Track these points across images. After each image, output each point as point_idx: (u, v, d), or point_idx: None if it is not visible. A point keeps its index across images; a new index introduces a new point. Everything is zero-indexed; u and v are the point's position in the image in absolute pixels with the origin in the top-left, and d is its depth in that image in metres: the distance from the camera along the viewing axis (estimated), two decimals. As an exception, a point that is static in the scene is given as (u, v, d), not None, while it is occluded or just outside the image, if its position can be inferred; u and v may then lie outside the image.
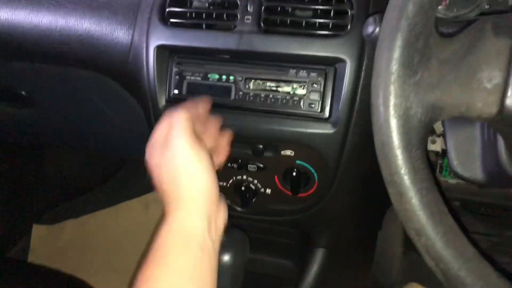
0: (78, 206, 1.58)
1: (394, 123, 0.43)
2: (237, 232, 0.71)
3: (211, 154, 0.59)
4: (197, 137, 0.57)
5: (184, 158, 0.56)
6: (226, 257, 0.69)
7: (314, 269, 0.83)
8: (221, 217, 0.58)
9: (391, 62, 0.43)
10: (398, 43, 0.42)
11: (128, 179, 1.63)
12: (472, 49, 0.44)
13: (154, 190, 0.61)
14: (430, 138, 0.88)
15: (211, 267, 0.54)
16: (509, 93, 0.44)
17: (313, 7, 0.66)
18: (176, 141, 0.56)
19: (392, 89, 0.43)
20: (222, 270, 0.69)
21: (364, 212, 0.88)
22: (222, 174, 0.77)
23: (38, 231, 1.52)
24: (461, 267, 0.42)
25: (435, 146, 0.88)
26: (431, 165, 0.67)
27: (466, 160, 0.59)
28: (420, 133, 0.44)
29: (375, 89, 0.44)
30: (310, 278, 0.84)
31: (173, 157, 0.56)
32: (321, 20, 0.65)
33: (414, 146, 0.43)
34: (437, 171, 0.94)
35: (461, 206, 1.06)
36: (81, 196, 1.60)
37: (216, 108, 0.71)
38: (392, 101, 0.43)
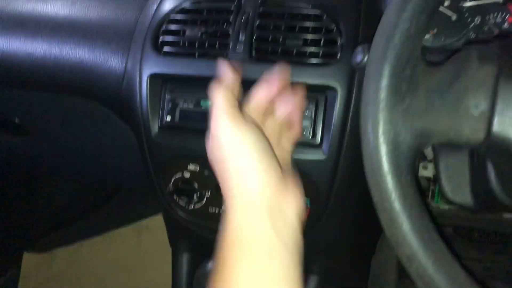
0: (70, 234, 1.56)
1: (383, 150, 0.44)
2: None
3: (277, 130, 0.51)
4: (240, 113, 0.49)
5: (225, 142, 0.48)
6: None
7: (307, 297, 0.83)
8: (291, 202, 0.48)
9: (379, 90, 0.44)
10: (386, 72, 0.43)
11: (121, 206, 1.63)
12: (459, 77, 0.45)
13: (146, 217, 0.60)
14: (421, 164, 0.89)
15: (287, 271, 0.45)
16: (495, 120, 0.44)
17: (303, 37, 0.67)
18: (217, 128, 0.49)
19: (381, 116, 0.44)
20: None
21: (357, 238, 0.88)
22: (214, 200, 0.76)
23: (29, 259, 1.50)
24: (454, 292, 0.42)
25: (427, 172, 0.89)
26: (422, 191, 0.67)
27: (457, 185, 0.60)
28: (409, 159, 0.45)
29: (364, 116, 0.45)
30: (304, 306, 0.83)
31: (217, 146, 0.49)
32: (312, 49, 0.67)
33: (404, 172, 0.44)
34: (429, 197, 0.95)
35: (454, 232, 1.06)
36: (73, 224, 1.58)
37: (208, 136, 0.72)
38: (381, 128, 0.44)
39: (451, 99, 0.45)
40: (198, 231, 0.82)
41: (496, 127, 0.44)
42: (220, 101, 0.50)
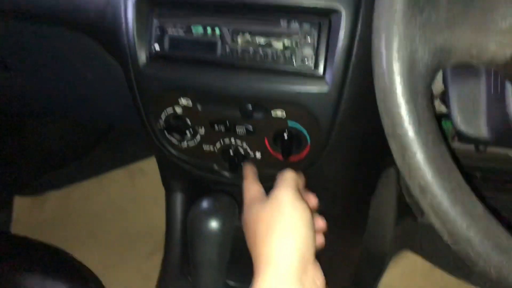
0: (62, 177, 1.53)
1: (397, 68, 0.39)
2: (225, 197, 0.67)
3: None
4: (301, 196, 0.57)
5: (286, 208, 0.54)
6: (213, 224, 0.65)
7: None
8: (318, 281, 0.53)
9: (394, 0, 0.38)
10: None
11: (113, 148, 1.58)
12: (485, -13, 0.40)
13: (139, 160, 0.57)
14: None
15: None
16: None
17: None
18: (281, 193, 0.56)
19: (396, 30, 0.38)
20: (208, 238, 0.66)
21: (358, 176, 0.85)
22: (209, 137, 0.72)
23: (20, 202, 1.48)
24: (470, 226, 0.39)
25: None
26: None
27: (471, 116, 0.55)
28: (426, 80, 0.40)
29: (376, 31, 0.40)
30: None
31: (273, 208, 0.55)
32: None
33: (420, 94, 0.39)
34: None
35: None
36: (65, 167, 1.55)
37: (201, 65, 0.66)
38: (396, 43, 0.39)
39: (476, 11, 0.39)
40: (192, 170, 0.78)
41: (525, 45, 0.39)
42: (290, 176, 0.59)
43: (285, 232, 0.52)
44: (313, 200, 0.63)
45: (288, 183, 0.58)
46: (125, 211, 1.45)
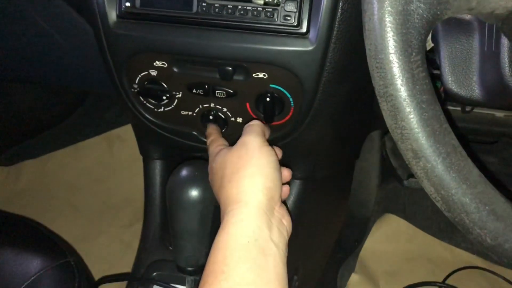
0: (37, 145, 1.47)
1: (390, 21, 0.35)
2: (205, 164, 0.64)
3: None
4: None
5: (255, 151, 0.55)
6: (193, 192, 0.62)
7: (291, 201, 0.77)
8: (285, 222, 0.54)
9: None
10: None
11: (90, 115, 1.53)
12: None
13: (118, 126, 0.53)
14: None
15: (277, 273, 0.48)
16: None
17: None
18: (248, 138, 0.57)
19: None
20: (188, 207, 0.63)
21: (343, 140, 0.82)
22: (187, 102, 0.68)
23: (-6, 172, 1.42)
24: (465, 192, 0.36)
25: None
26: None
27: (462, 75, 0.52)
28: (421, 34, 0.36)
29: None
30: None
31: (241, 152, 0.55)
32: None
33: (414, 50, 0.36)
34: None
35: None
36: (39, 135, 1.49)
37: (176, 24, 0.62)
38: None
39: (477, -42, 0.36)
40: (170, 136, 0.74)
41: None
42: (257, 125, 0.60)
43: (253, 172, 0.53)
44: (278, 151, 0.62)
45: (255, 130, 0.58)
46: (104, 179, 1.41)
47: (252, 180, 0.52)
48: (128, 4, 0.62)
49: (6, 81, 1.36)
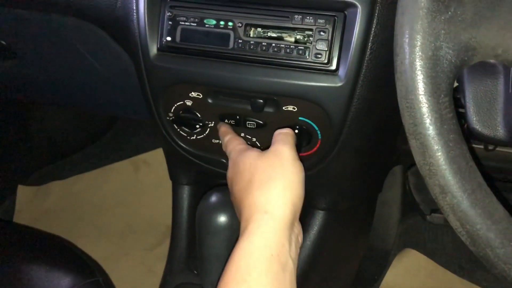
0: (65, 167, 1.52)
1: (421, 65, 0.38)
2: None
3: None
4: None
5: (289, 165, 0.55)
6: (222, 218, 0.65)
7: (313, 231, 0.79)
8: (300, 239, 0.55)
9: None
10: None
11: (118, 139, 1.58)
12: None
13: (144, 151, 0.56)
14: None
15: (293, 283, 0.50)
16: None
17: None
18: (282, 148, 0.56)
19: (420, 26, 0.37)
20: (217, 233, 0.65)
21: (367, 173, 0.84)
22: (217, 131, 0.71)
23: (23, 192, 1.47)
24: (490, 228, 0.38)
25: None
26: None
27: (487, 115, 0.54)
28: (449, 78, 0.39)
29: (400, 26, 0.39)
30: (309, 241, 0.80)
31: (274, 161, 0.55)
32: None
33: (443, 93, 0.38)
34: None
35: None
36: (69, 157, 1.54)
37: (212, 58, 0.66)
38: (419, 40, 0.38)
39: (503, 9, 0.39)
40: (200, 163, 0.77)
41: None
42: (290, 134, 0.59)
43: (285, 186, 0.53)
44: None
45: (289, 140, 0.58)
46: (129, 203, 1.44)
47: (282, 193, 0.52)
48: (169, 38, 0.66)
49: (41, 103, 1.41)
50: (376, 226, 1.21)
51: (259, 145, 0.71)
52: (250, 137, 0.71)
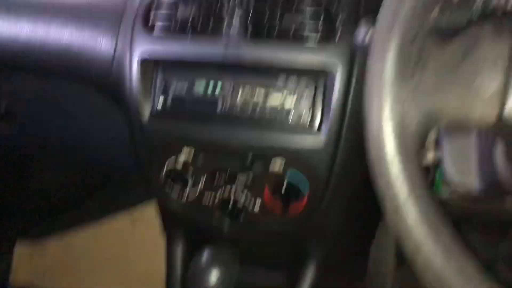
0: (63, 222, 1.53)
1: (389, 130, 0.41)
2: (226, 249, 0.68)
3: None
4: None
5: None
6: (214, 276, 0.66)
7: (307, 282, 0.80)
8: None
9: (386, 64, 0.41)
10: (393, 45, 0.40)
11: (114, 194, 1.59)
12: (470, 53, 0.42)
13: (140, 203, 0.57)
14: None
15: None
16: (508, 103, 0.42)
17: (301, 18, 0.64)
18: None
19: (388, 93, 0.41)
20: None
21: (357, 224, 0.86)
22: (208, 189, 0.73)
23: (21, 249, 1.47)
24: (464, 285, 0.40)
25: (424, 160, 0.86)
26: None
27: (463, 168, 0.57)
28: (417, 141, 0.42)
29: (369, 94, 0.42)
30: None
31: None
32: (309, 32, 0.63)
33: (411, 155, 0.41)
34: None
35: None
36: (66, 213, 1.55)
37: (202, 120, 0.69)
38: (388, 106, 0.41)
39: (462, 78, 0.42)
40: (192, 222, 0.79)
41: (508, 110, 0.42)
42: None
43: None
44: None
45: None
46: (125, 258, 1.44)
47: None
48: (161, 104, 0.70)
49: (37, 162, 1.43)
50: (371, 275, 1.21)
51: (248, 204, 0.73)
52: (239, 193, 0.73)
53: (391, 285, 1.27)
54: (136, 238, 1.47)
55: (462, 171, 0.57)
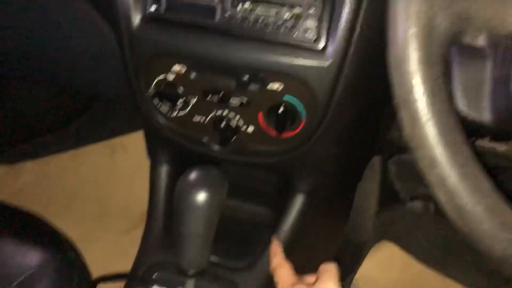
0: (40, 147, 1.48)
1: (415, 34, 0.37)
2: (215, 169, 0.64)
3: None
4: None
5: None
6: (201, 196, 0.63)
7: (293, 214, 0.78)
8: None
9: None
10: None
11: (95, 122, 1.54)
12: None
13: (122, 134, 0.53)
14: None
15: None
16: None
17: None
18: (329, 284, 0.59)
19: None
20: (196, 210, 0.63)
21: (348, 160, 0.83)
22: (199, 108, 0.70)
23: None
24: (478, 202, 0.37)
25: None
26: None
27: (474, 99, 0.54)
28: (443, 48, 0.38)
29: None
30: (288, 224, 0.78)
31: None
32: None
33: (436, 63, 0.38)
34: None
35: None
36: (43, 137, 1.49)
37: (198, 30, 0.64)
38: (414, 8, 0.37)
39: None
40: (180, 141, 0.75)
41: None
42: (334, 270, 0.61)
43: None
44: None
45: (333, 277, 0.60)
46: (104, 186, 1.41)
47: None
48: (153, 8, 0.64)
49: (16, 78, 1.36)
50: (353, 218, 1.21)
51: (241, 125, 0.70)
52: (233, 115, 0.69)
53: (371, 230, 1.28)
54: (116, 166, 1.43)
55: (473, 102, 0.54)
